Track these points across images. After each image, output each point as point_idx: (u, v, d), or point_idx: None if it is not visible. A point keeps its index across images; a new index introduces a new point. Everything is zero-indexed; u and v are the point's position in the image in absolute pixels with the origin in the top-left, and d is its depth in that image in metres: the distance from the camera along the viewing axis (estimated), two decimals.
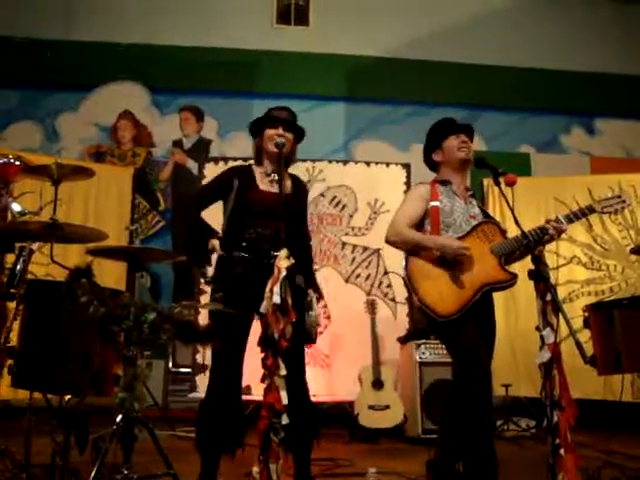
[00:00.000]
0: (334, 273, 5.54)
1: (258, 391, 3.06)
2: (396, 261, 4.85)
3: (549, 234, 2.78)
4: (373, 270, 5.56)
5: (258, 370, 2.36)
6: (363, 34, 7.06)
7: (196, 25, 6.90)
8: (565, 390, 2.41)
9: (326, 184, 5.66)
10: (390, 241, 2.93)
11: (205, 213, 2.97)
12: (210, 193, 3.01)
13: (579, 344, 2.30)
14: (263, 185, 2.91)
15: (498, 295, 2.93)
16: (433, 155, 3.04)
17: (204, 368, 5.06)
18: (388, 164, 5.83)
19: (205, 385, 2.83)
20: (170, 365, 5.81)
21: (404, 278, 2.89)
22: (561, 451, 2.35)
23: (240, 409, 2.83)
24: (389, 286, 5.53)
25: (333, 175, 5.69)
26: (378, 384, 4.80)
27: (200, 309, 3.14)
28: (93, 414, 2.70)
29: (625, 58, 7.25)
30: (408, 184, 5.62)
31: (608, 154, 7.22)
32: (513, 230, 2.82)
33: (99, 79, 6.80)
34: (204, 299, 5.04)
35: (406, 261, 2.88)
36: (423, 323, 2.93)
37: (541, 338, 2.46)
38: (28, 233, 2.88)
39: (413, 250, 2.86)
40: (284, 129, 2.89)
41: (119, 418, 2.39)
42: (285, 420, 2.30)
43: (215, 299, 2.73)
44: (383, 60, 7.09)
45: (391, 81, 7.06)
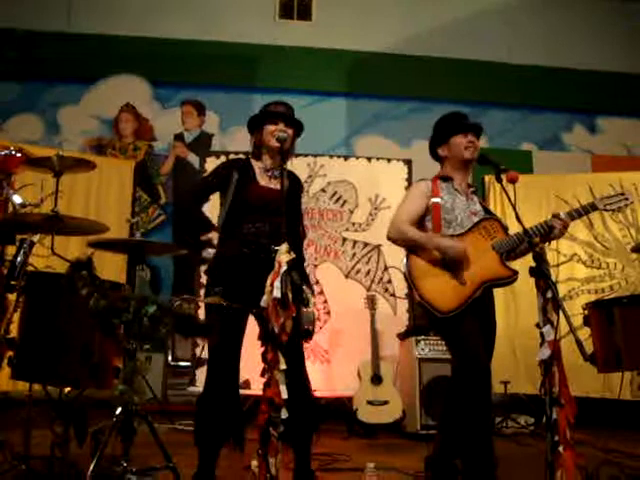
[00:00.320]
0: (334, 268, 5.54)
1: (257, 385, 3.06)
2: (396, 257, 4.83)
3: (555, 232, 2.78)
4: (373, 266, 5.56)
5: (257, 364, 2.36)
6: (366, 29, 7.05)
7: (199, 19, 6.89)
8: (564, 387, 2.40)
9: (327, 179, 5.64)
10: (392, 238, 2.93)
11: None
12: (209, 185, 2.99)
13: (579, 342, 2.30)
14: (263, 180, 2.91)
15: (498, 292, 2.94)
16: (438, 149, 3.03)
17: (199, 362, 5.06)
18: (389, 160, 5.81)
19: (204, 379, 2.84)
20: (169, 359, 5.82)
21: (404, 274, 2.89)
22: (560, 448, 2.34)
23: (238, 403, 2.84)
24: (389, 282, 5.52)
25: (334, 170, 5.67)
26: (377, 379, 4.80)
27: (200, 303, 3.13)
28: (92, 407, 2.70)
29: (627, 56, 7.25)
30: (409, 180, 5.60)
31: (609, 152, 7.22)
32: (514, 227, 2.81)
33: (101, 72, 6.80)
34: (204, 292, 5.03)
35: (407, 257, 2.88)
36: (424, 319, 2.93)
37: (541, 335, 2.46)
38: (29, 225, 2.88)
39: (414, 248, 2.86)
40: (285, 124, 2.88)
41: (118, 411, 2.40)
42: (284, 414, 2.30)
43: (215, 293, 2.73)
44: (385, 56, 7.08)
45: (393, 77, 7.05)
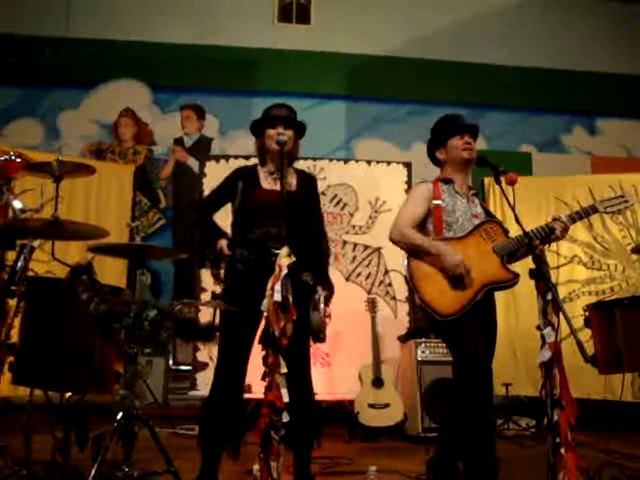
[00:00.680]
0: (335, 272, 5.52)
1: (258, 389, 3.05)
2: (397, 259, 4.84)
3: (555, 234, 2.78)
4: (374, 269, 5.55)
5: (258, 368, 2.36)
6: (365, 32, 7.05)
7: (198, 23, 6.89)
8: (565, 389, 2.41)
9: (327, 182, 5.64)
10: (394, 240, 2.93)
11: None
12: (217, 198, 3.05)
13: (580, 343, 2.30)
14: (267, 184, 2.93)
15: (499, 294, 2.93)
16: (437, 153, 3.04)
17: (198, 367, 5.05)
18: (389, 163, 5.81)
19: (205, 383, 2.83)
20: (170, 363, 5.81)
21: (406, 277, 2.89)
22: (561, 450, 2.34)
23: (242, 408, 2.84)
24: (390, 285, 5.52)
25: (334, 174, 5.67)
26: (378, 382, 4.80)
27: (200, 307, 3.13)
28: (93, 411, 2.69)
29: (626, 58, 7.24)
30: (409, 183, 5.60)
31: (609, 154, 7.22)
32: (514, 229, 2.81)
33: (100, 77, 6.79)
34: (204, 297, 5.03)
35: (408, 260, 2.87)
36: (424, 322, 2.93)
37: (542, 337, 2.46)
38: (29, 230, 2.87)
39: (416, 252, 2.86)
40: (284, 127, 2.89)
41: (119, 415, 2.40)
42: (285, 418, 2.30)
43: (215, 296, 2.73)
44: (384, 59, 7.08)
45: (392, 80, 7.05)
